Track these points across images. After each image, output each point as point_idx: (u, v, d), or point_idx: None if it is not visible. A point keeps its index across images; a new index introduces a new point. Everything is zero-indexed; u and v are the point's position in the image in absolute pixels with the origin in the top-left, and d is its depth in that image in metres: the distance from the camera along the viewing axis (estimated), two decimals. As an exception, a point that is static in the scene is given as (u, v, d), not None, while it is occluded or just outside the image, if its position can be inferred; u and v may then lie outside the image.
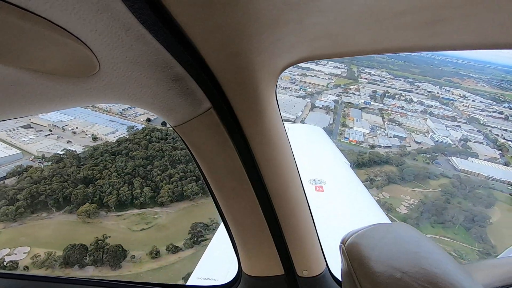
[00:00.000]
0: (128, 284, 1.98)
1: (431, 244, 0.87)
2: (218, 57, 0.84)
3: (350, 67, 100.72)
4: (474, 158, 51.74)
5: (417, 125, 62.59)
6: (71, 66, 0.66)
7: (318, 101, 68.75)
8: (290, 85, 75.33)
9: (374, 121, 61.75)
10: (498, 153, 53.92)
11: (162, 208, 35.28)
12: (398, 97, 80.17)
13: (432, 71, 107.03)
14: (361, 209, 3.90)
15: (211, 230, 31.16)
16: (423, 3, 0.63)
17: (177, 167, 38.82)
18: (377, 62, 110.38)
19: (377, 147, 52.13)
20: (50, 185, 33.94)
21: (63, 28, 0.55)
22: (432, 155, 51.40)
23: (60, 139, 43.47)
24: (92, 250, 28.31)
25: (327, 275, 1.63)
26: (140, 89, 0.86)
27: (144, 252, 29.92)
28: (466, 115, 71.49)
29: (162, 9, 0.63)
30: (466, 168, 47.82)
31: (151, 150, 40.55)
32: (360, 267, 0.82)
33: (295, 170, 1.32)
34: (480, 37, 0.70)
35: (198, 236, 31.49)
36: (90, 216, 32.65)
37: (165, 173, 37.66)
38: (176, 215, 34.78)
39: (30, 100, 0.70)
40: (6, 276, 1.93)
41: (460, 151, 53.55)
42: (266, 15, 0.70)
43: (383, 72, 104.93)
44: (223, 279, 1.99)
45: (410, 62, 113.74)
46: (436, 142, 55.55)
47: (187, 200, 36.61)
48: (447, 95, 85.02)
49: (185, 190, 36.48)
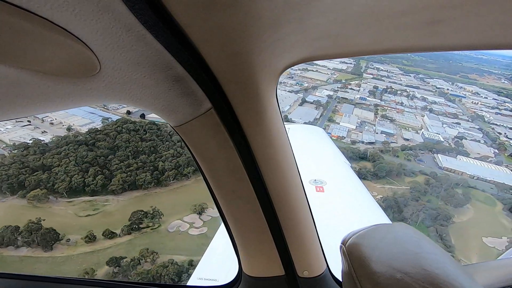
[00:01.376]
0: (128, 284, 2.00)
1: (431, 244, 0.87)
2: (219, 58, 0.84)
3: (359, 62, 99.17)
4: (464, 156, 50.09)
5: (411, 122, 61.36)
6: (72, 67, 0.67)
7: (312, 96, 68.57)
8: (286, 80, 75.41)
9: (365, 116, 61.05)
10: (493, 152, 51.89)
11: (115, 196, 36.77)
12: (401, 93, 78.32)
13: (449, 67, 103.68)
14: (362, 209, 3.86)
15: (150, 218, 32.99)
16: (423, 3, 0.63)
17: (138, 158, 40.39)
18: (390, 57, 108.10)
19: (359, 143, 51.63)
20: (7, 171, 35.86)
21: (64, 29, 0.55)
22: (417, 152, 50.24)
23: (37, 129, 46.00)
24: (23, 232, 29.84)
25: (327, 276, 1.63)
26: (141, 89, 0.86)
27: (81, 236, 31.42)
28: (472, 112, 68.88)
29: (163, 9, 0.63)
30: (449, 166, 46.67)
31: (118, 140, 42.12)
32: (360, 268, 0.83)
33: (295, 171, 1.33)
34: (480, 37, 0.70)
35: (137, 223, 32.66)
36: (39, 200, 34.38)
37: (124, 163, 39.09)
38: (127, 203, 36.11)
39: (31, 100, 0.70)
40: (6, 276, 1.93)
41: (450, 149, 51.97)
42: (266, 16, 0.70)
43: (394, 68, 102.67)
44: (224, 279, 1.97)
45: (427, 57, 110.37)
46: (426, 139, 54.41)
47: (140, 189, 38.11)
48: (457, 92, 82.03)
49: (138, 179, 37.95)
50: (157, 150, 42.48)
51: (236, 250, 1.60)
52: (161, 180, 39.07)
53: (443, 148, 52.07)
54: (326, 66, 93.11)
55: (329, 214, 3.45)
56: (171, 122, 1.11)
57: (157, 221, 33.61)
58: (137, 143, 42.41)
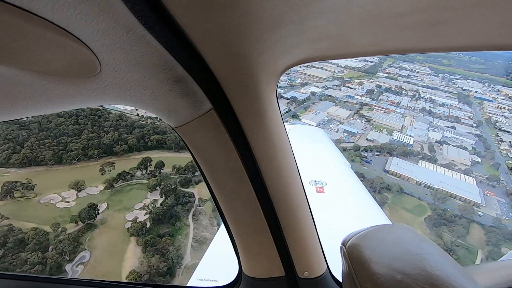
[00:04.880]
0: (128, 285, 2.01)
1: (432, 246, 0.87)
2: (219, 58, 0.84)
3: (383, 60, 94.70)
4: (429, 162, 45.95)
5: (391, 123, 57.35)
6: (72, 67, 0.67)
7: (294, 92, 67.82)
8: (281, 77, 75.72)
9: (337, 115, 58.68)
10: (471, 160, 46.72)
11: (17, 169, 39.12)
12: (405, 94, 73.17)
13: (498, 69, 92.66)
14: (362, 210, 3.83)
15: (24, 189, 35.72)
16: (424, 4, 0.62)
17: (59, 138, 43.14)
18: (428, 57, 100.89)
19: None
20: None
21: (65, 30, 0.55)
22: (371, 153, 47.32)
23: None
24: None
25: (327, 277, 1.62)
26: (141, 90, 0.86)
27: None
28: (487, 117, 61.98)
29: (163, 10, 0.63)
30: (396, 170, 43.62)
31: (53, 123, 44.94)
32: (360, 269, 0.83)
33: (296, 171, 1.32)
34: (482, 38, 0.69)
35: (9, 192, 35.00)
36: None
37: (39, 141, 41.91)
38: (25, 176, 38.01)
39: (32, 101, 0.70)
40: (6, 277, 1.94)
41: (415, 153, 47.93)
42: (266, 16, 0.70)
43: (424, 67, 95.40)
44: (224, 280, 1.93)
45: (477, 57, 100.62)
46: (393, 141, 50.64)
47: (42, 165, 40.23)
48: (485, 95, 74.05)
49: (39, 156, 40.16)
50: (81, 132, 44.57)
51: (236, 251, 1.60)
52: (64, 158, 41.14)
53: (407, 152, 47.94)
54: (337, 63, 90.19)
55: (330, 215, 3.43)
56: (171, 123, 1.11)
57: (33, 192, 35.72)
58: (68, 126, 44.78)
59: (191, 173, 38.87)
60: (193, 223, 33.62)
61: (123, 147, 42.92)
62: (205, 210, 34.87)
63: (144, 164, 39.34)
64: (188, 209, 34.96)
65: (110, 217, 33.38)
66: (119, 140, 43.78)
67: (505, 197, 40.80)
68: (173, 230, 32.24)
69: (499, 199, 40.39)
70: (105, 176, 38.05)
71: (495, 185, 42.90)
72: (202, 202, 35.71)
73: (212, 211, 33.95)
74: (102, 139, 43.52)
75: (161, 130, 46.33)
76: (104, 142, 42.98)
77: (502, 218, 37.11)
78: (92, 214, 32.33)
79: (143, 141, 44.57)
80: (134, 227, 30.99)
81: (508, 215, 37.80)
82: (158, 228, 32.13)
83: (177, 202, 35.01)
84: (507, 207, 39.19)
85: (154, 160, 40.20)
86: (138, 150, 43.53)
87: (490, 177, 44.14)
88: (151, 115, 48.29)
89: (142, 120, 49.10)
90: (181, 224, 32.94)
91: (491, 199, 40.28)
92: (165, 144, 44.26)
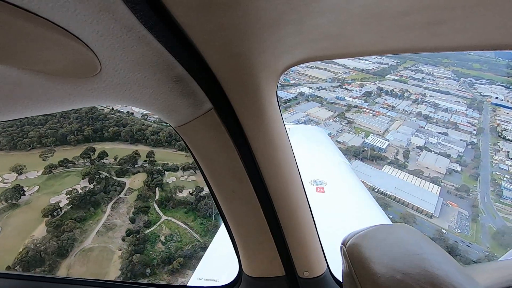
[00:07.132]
0: (128, 285, 2.01)
1: (432, 245, 0.87)
2: (219, 58, 0.84)
3: (401, 62, 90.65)
4: (394, 167, 43.10)
5: (373, 126, 54.34)
6: (72, 67, 0.66)
7: (282, 92, 66.93)
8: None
9: (317, 115, 56.83)
10: (446, 168, 43.32)
11: None
12: (408, 97, 69.09)
13: None
14: (362, 210, 3.82)
15: None
16: (424, 4, 0.63)
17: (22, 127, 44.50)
18: (457, 60, 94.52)
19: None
20: None
21: (65, 29, 0.55)
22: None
23: None
24: None
25: (328, 276, 1.62)
26: (142, 90, 0.86)
27: None
28: (496, 125, 57.20)
29: (164, 10, 0.63)
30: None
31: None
32: (361, 268, 0.83)
33: (296, 171, 1.32)
34: (482, 38, 0.69)
35: None
36: None
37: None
38: None
39: (32, 101, 0.70)
40: (6, 276, 1.94)
41: (383, 158, 45.12)
42: (267, 16, 0.70)
43: (447, 71, 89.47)
44: (224, 280, 1.95)
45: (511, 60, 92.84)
46: (364, 144, 48.00)
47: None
48: (506, 102, 68.21)
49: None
50: (46, 122, 45.65)
51: (236, 251, 1.59)
52: (19, 144, 42.29)
53: (374, 156, 45.00)
54: (345, 65, 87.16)
55: (330, 214, 3.42)
56: (172, 123, 1.11)
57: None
58: (37, 116, 47.08)
59: (131, 164, 39.68)
60: (111, 210, 34.04)
61: (78, 138, 43.93)
62: (128, 199, 35.25)
63: (87, 153, 40.37)
64: (111, 197, 35.43)
65: (36, 199, 34.41)
66: (76, 131, 44.83)
67: (469, 209, 36.63)
68: (88, 215, 32.90)
69: (462, 211, 36.74)
70: (46, 162, 39.28)
71: (464, 196, 38.79)
72: (129, 192, 36.11)
73: (135, 200, 34.62)
74: (60, 130, 44.77)
75: (122, 123, 47.30)
76: (60, 132, 44.17)
77: (455, 230, 33.38)
78: (16, 195, 33.67)
79: (100, 132, 45.48)
80: (47, 209, 31.89)
81: (462, 228, 33.89)
82: (74, 212, 32.79)
83: (104, 189, 35.65)
84: (467, 220, 35.18)
85: (109, 151, 41.18)
86: (94, 140, 44.35)
87: (461, 187, 39.85)
88: (122, 109, 51.14)
89: (112, 113, 50.32)
90: (97, 210, 33.55)
91: (451, 210, 36.83)
92: (120, 136, 45.06)
